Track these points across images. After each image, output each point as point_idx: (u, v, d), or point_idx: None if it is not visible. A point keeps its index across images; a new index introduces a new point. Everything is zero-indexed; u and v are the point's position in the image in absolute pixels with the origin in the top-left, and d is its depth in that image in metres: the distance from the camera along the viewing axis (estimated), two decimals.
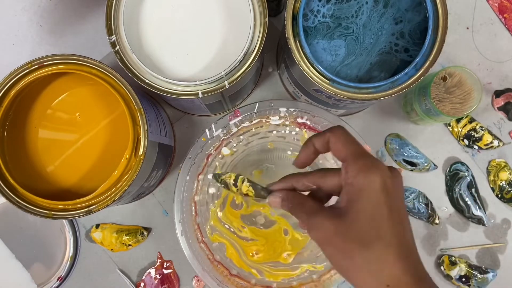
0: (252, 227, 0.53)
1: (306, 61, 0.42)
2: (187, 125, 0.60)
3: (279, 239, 0.53)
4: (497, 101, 0.59)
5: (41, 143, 0.44)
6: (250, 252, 0.52)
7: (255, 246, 0.52)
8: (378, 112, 0.59)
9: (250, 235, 0.52)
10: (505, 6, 0.59)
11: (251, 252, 0.52)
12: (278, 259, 0.52)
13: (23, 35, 0.51)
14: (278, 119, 0.49)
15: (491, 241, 0.58)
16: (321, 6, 0.44)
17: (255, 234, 0.52)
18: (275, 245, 0.52)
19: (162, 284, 0.58)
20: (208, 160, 0.50)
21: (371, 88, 0.42)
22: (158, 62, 0.43)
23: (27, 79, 0.41)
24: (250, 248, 0.52)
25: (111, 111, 0.45)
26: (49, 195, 0.41)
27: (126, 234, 0.57)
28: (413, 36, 0.44)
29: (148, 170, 0.46)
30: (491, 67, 0.59)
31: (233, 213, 0.53)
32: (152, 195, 0.59)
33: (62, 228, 0.57)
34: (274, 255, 0.52)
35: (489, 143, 0.58)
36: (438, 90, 0.52)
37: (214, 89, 0.42)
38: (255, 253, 0.52)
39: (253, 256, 0.52)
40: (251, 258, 0.52)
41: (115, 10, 0.42)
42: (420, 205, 0.58)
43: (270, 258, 0.52)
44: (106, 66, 0.42)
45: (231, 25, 0.43)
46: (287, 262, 0.51)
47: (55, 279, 0.56)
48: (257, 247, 0.52)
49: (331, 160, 0.52)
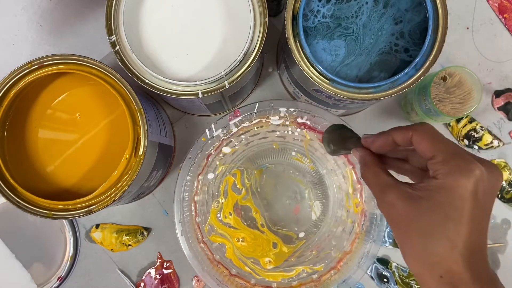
0: (237, 218, 0.53)
1: (306, 61, 0.42)
2: (187, 125, 0.60)
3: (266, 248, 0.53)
4: (497, 101, 0.59)
5: (41, 143, 0.44)
6: (236, 237, 0.52)
7: (242, 234, 0.53)
8: (378, 112, 0.59)
9: (233, 223, 0.53)
10: (505, 6, 0.59)
11: (237, 237, 0.52)
12: (259, 259, 0.52)
13: (23, 35, 0.52)
14: (278, 119, 0.49)
15: (491, 241, 0.58)
16: (321, 6, 0.44)
17: (238, 225, 0.53)
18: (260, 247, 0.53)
19: (162, 284, 0.58)
20: (208, 160, 0.50)
21: (371, 88, 0.42)
22: (158, 62, 0.43)
23: (27, 79, 0.41)
24: (237, 233, 0.53)
25: (111, 111, 0.45)
26: (49, 195, 0.41)
27: (126, 234, 0.57)
28: (413, 36, 0.44)
29: (148, 170, 0.46)
30: (491, 67, 0.59)
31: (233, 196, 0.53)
32: (152, 195, 0.59)
33: (62, 228, 0.57)
34: (256, 253, 0.52)
35: (489, 143, 0.58)
36: (438, 90, 0.52)
37: (214, 89, 0.42)
38: (241, 239, 0.52)
39: (239, 241, 0.52)
40: (236, 243, 0.52)
41: (115, 10, 0.42)
42: None
43: (253, 254, 0.52)
44: (106, 66, 0.42)
45: (231, 25, 0.43)
46: (266, 267, 0.52)
47: (55, 279, 0.56)
48: (245, 235, 0.53)
49: (332, 160, 0.52)
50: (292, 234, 0.54)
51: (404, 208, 0.28)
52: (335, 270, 0.49)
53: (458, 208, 0.27)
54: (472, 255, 0.27)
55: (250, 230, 0.53)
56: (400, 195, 0.28)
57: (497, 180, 0.28)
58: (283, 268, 0.52)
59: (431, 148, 0.28)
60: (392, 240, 0.57)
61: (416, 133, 0.29)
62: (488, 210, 0.28)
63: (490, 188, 0.28)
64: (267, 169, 0.55)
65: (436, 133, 0.29)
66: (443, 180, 0.27)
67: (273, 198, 0.55)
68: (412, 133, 0.30)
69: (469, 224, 0.27)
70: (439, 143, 0.28)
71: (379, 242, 0.48)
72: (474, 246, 0.27)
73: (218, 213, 0.53)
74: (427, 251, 0.27)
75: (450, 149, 0.28)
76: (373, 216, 0.49)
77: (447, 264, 0.27)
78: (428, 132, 0.29)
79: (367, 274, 0.56)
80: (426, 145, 0.29)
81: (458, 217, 0.27)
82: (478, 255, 0.28)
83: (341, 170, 0.52)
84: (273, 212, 0.55)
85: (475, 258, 0.27)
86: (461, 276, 0.27)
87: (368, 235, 0.49)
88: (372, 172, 0.31)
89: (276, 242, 0.53)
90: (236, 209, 0.54)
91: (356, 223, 0.50)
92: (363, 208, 0.50)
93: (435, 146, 0.28)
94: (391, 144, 0.31)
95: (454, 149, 0.28)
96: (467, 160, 0.27)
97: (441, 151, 0.28)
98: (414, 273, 0.29)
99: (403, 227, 0.28)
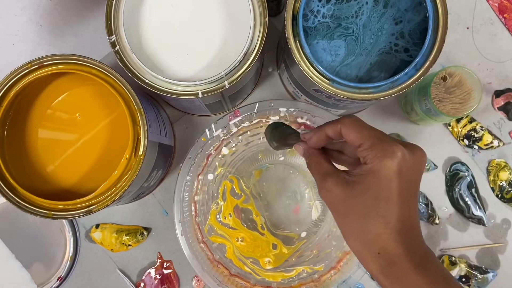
0: (237, 220, 0.53)
1: (306, 61, 0.42)
2: (187, 125, 0.60)
3: (266, 249, 0.53)
4: (497, 101, 0.59)
5: (41, 143, 0.44)
6: (235, 237, 0.52)
7: (242, 234, 0.53)
8: (378, 112, 0.59)
9: (232, 224, 0.53)
10: (505, 6, 0.59)
11: (236, 237, 0.52)
12: (259, 259, 0.52)
13: (23, 35, 0.52)
14: (278, 119, 0.49)
15: (491, 241, 0.58)
16: (321, 6, 0.44)
17: (237, 226, 0.53)
18: (260, 248, 0.53)
19: (162, 284, 0.58)
20: (208, 160, 0.50)
21: (371, 88, 0.42)
22: (158, 62, 0.43)
23: (27, 79, 0.41)
24: (236, 233, 0.53)
25: (111, 111, 0.45)
26: (49, 195, 0.41)
27: (126, 234, 0.57)
28: (413, 36, 0.44)
29: (148, 170, 0.46)
30: (491, 67, 0.59)
31: (232, 200, 0.54)
32: (152, 195, 0.59)
33: (62, 228, 0.57)
34: (255, 253, 0.53)
35: (489, 143, 0.58)
36: (438, 90, 0.52)
37: (214, 89, 0.42)
38: (240, 239, 0.52)
39: (238, 241, 0.52)
40: (235, 243, 0.52)
41: (115, 10, 0.42)
42: (420, 205, 0.58)
43: (252, 254, 0.52)
44: (106, 66, 0.42)
45: (231, 25, 0.43)
46: (265, 267, 0.52)
47: (55, 279, 0.56)
48: (244, 235, 0.53)
49: None
50: (293, 234, 0.54)
51: (341, 192, 0.31)
52: (335, 270, 0.49)
53: (386, 187, 0.29)
54: (404, 230, 0.29)
55: (249, 231, 0.53)
56: (338, 181, 0.31)
57: (420, 159, 0.31)
58: (283, 268, 0.52)
59: (358, 137, 0.31)
60: None
61: (343, 125, 0.32)
62: (414, 187, 0.31)
63: (414, 166, 0.30)
64: (267, 169, 0.55)
65: (362, 123, 0.32)
66: (371, 164, 0.30)
67: (273, 198, 0.55)
68: (340, 126, 0.32)
69: (397, 201, 0.29)
70: (365, 131, 0.31)
71: None
72: (405, 222, 0.29)
73: (218, 214, 0.53)
74: (364, 230, 0.30)
75: (375, 136, 0.31)
76: None
77: (382, 240, 0.29)
78: (354, 123, 0.32)
79: (367, 274, 0.56)
80: (353, 135, 0.31)
81: (387, 196, 0.29)
82: (412, 231, 0.30)
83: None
84: (273, 212, 0.55)
85: (409, 234, 0.30)
86: (396, 250, 0.29)
87: None
88: (315, 162, 0.34)
89: (276, 243, 0.53)
90: (237, 211, 0.54)
91: None
92: None
93: (361, 135, 0.31)
94: (325, 138, 0.34)
95: (378, 136, 0.31)
96: (390, 143, 0.30)
97: (367, 138, 0.31)
98: (354, 252, 0.31)
99: (341, 210, 0.31)
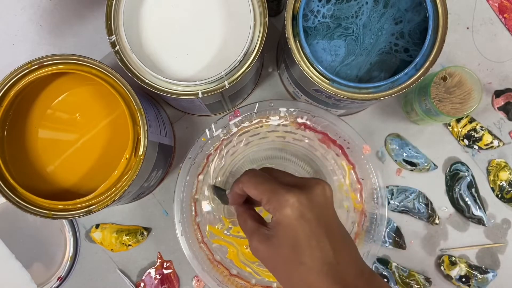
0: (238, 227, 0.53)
1: (306, 61, 0.42)
2: (187, 125, 0.60)
3: None
4: (497, 101, 0.59)
5: (41, 143, 0.44)
6: (245, 244, 0.52)
7: None
8: (378, 112, 0.59)
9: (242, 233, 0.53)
10: (505, 6, 0.59)
11: (245, 245, 0.52)
12: None
13: (23, 35, 0.51)
14: (278, 119, 0.49)
15: (491, 241, 0.58)
16: (321, 6, 0.44)
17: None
18: None
19: (162, 284, 0.58)
20: (208, 160, 0.50)
21: (371, 88, 0.42)
22: (158, 62, 0.43)
23: (27, 79, 0.41)
24: (246, 242, 0.52)
25: (111, 111, 0.45)
26: (49, 195, 0.41)
27: (126, 234, 0.57)
28: (413, 36, 0.44)
29: (148, 170, 0.46)
30: (491, 67, 0.59)
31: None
32: (152, 195, 0.59)
33: (62, 228, 0.57)
34: None
35: (489, 143, 0.58)
36: (438, 90, 0.52)
37: (214, 89, 0.42)
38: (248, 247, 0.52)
39: (247, 248, 0.52)
40: (244, 250, 0.52)
41: (115, 10, 0.42)
42: (420, 205, 0.58)
43: None
44: (106, 66, 0.42)
45: (231, 25, 0.43)
46: None
47: (55, 279, 0.56)
48: None
49: (332, 160, 0.52)
50: None
51: (265, 249, 0.31)
52: None
53: (293, 236, 0.30)
54: (332, 270, 0.29)
55: None
56: (260, 238, 0.32)
57: (321, 193, 0.31)
58: None
59: (256, 193, 0.32)
60: (392, 240, 0.57)
61: (243, 184, 0.33)
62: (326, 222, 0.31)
63: (316, 204, 0.31)
64: None
65: (258, 178, 0.32)
66: (275, 217, 0.31)
67: None
68: (241, 184, 0.33)
69: (312, 244, 0.30)
70: (261, 186, 0.32)
71: (379, 242, 0.48)
72: (331, 262, 0.29)
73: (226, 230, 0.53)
74: (294, 281, 0.30)
75: (269, 190, 0.31)
76: (373, 216, 0.49)
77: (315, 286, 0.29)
78: (251, 180, 0.32)
79: None
80: (252, 192, 0.32)
81: (298, 243, 0.30)
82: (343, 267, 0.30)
83: (341, 170, 0.52)
84: None
85: (340, 272, 0.29)
86: None
87: (368, 235, 0.49)
88: (242, 220, 0.35)
89: None
90: None
91: (356, 223, 0.50)
92: (363, 208, 0.50)
93: (258, 190, 0.32)
94: (239, 196, 0.35)
95: (271, 188, 0.31)
96: (283, 193, 0.30)
97: (264, 193, 0.31)
98: None
99: (270, 265, 0.32)
